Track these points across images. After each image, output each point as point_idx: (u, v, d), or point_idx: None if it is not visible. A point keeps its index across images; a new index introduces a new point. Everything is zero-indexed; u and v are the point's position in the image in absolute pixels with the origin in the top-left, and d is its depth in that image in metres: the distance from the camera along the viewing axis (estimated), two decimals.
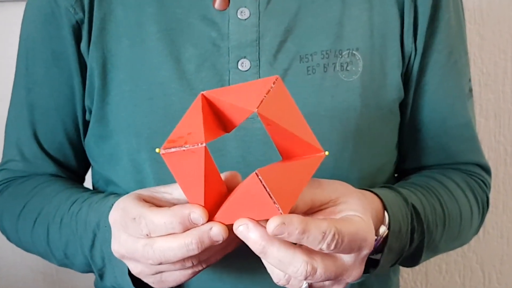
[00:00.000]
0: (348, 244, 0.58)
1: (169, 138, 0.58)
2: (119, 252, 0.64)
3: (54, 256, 0.78)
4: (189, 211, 0.58)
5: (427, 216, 0.74)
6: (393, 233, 0.68)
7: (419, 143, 0.84)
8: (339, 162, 0.75)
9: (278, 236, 0.55)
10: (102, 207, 0.70)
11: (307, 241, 0.56)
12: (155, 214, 0.59)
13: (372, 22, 0.77)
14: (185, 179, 0.58)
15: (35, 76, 0.81)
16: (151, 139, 0.75)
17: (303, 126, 0.59)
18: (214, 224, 0.58)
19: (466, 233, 0.83)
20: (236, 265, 0.74)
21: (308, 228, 0.56)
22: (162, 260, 0.59)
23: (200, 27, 0.76)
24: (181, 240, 0.58)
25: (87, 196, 0.75)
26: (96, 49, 0.77)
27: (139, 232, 0.60)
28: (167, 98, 0.75)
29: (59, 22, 0.77)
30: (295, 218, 0.56)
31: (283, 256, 0.57)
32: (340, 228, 0.57)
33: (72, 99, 0.81)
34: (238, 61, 0.75)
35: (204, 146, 0.56)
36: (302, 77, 0.75)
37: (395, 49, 0.78)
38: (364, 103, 0.76)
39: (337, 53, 0.75)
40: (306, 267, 0.57)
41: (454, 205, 0.80)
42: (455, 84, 0.83)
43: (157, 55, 0.75)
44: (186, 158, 0.57)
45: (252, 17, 0.75)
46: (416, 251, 0.75)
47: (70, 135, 0.83)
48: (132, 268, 0.65)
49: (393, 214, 0.69)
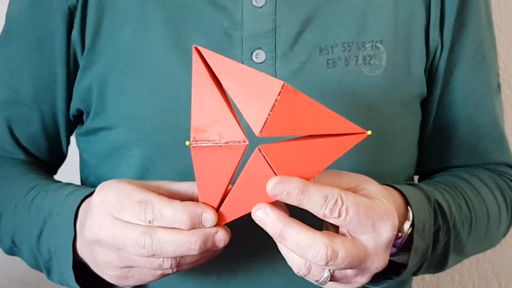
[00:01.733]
0: (356, 216, 0.56)
1: (193, 126, 0.57)
2: (96, 236, 0.60)
3: (2, 242, 0.77)
4: (202, 211, 0.58)
5: (453, 214, 0.73)
6: (417, 231, 0.66)
7: (445, 143, 0.83)
8: (356, 162, 0.73)
9: (277, 196, 0.56)
10: (59, 194, 0.69)
11: (308, 203, 0.56)
12: (165, 204, 0.58)
13: (397, 13, 0.74)
14: (207, 175, 0.57)
15: (15, 59, 0.78)
16: (155, 135, 0.72)
17: (330, 120, 0.56)
18: (220, 229, 0.58)
19: (493, 234, 0.82)
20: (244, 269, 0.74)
21: (308, 189, 0.56)
22: (157, 252, 0.57)
23: (210, 14, 0.72)
24: (185, 237, 0.57)
25: (47, 183, 0.74)
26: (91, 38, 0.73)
27: (142, 217, 0.58)
28: (173, 90, 0.71)
29: (48, 6, 0.74)
30: (294, 178, 0.56)
31: (302, 239, 0.56)
32: (345, 197, 0.56)
33: (53, 88, 0.77)
34: (253, 52, 0.71)
35: (246, 145, 0.56)
36: (322, 70, 0.72)
37: (420, 42, 0.76)
38: (387, 100, 0.74)
39: (360, 46, 0.72)
40: (327, 250, 0.56)
41: (481, 204, 0.78)
42: (483, 81, 0.81)
43: (162, 44, 0.72)
44: (219, 154, 0.56)
45: (268, 4, 0.71)
46: (443, 252, 0.73)
47: (46, 126, 0.80)
48: (101, 256, 0.62)
49: (417, 211, 0.67)
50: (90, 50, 0.73)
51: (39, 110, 0.79)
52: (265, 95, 0.55)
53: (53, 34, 0.74)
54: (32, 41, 0.76)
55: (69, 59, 0.75)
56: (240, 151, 0.56)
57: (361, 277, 0.61)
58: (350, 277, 0.60)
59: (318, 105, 0.56)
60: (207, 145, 0.56)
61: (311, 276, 0.59)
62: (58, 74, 0.76)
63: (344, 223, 0.57)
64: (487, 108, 0.82)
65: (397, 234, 0.65)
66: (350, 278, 0.61)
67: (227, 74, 0.56)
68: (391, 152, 0.76)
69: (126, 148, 0.74)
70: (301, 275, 0.59)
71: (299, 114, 0.56)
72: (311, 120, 0.56)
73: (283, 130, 0.56)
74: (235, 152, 0.56)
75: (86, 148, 0.81)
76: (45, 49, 0.75)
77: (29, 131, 0.80)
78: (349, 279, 0.61)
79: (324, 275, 0.59)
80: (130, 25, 0.72)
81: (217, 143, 0.56)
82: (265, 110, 0.55)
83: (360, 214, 0.57)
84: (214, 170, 0.57)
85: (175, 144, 0.70)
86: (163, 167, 0.72)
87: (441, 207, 0.71)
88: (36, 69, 0.77)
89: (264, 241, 0.60)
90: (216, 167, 0.57)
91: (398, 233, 0.65)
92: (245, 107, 0.56)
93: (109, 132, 0.75)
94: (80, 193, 0.68)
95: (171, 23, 0.72)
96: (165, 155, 0.71)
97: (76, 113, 0.78)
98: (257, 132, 0.56)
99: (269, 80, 0.56)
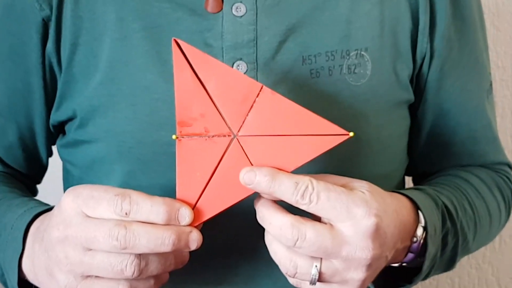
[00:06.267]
0: (327, 202, 0.57)
1: (179, 120, 0.58)
2: (64, 232, 0.59)
3: None
4: (180, 205, 0.59)
5: (459, 216, 0.73)
6: (430, 236, 0.66)
7: (442, 147, 0.82)
8: (342, 172, 0.70)
9: (249, 185, 0.58)
10: (18, 209, 0.69)
11: (279, 190, 0.57)
12: (143, 196, 0.58)
13: (383, 18, 0.72)
14: (189, 169, 0.58)
15: None
16: (135, 150, 0.70)
17: (311, 121, 0.58)
18: (194, 229, 0.59)
19: (494, 231, 0.83)
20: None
21: (279, 176, 0.57)
22: (129, 244, 0.57)
23: (190, 25, 0.70)
24: (160, 230, 0.57)
25: (12, 197, 0.74)
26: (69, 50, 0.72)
27: (118, 208, 0.58)
28: (153, 103, 0.70)
29: (21, 16, 0.73)
30: (265, 167, 0.58)
31: (274, 219, 0.58)
32: (316, 182, 0.57)
33: (28, 98, 0.76)
34: (234, 63, 0.69)
35: (231, 138, 0.57)
36: (305, 81, 0.70)
37: (406, 48, 0.74)
38: (373, 108, 0.72)
39: (344, 54, 0.71)
40: (292, 230, 0.57)
41: (482, 204, 0.79)
42: (477, 84, 0.81)
43: (140, 55, 0.70)
44: (203, 148, 0.58)
45: (249, 13, 0.70)
46: (451, 255, 0.73)
47: (23, 136, 0.79)
48: (61, 257, 0.60)
49: (428, 216, 0.67)
50: (70, 63, 0.72)
51: (14, 120, 0.78)
52: (244, 95, 0.57)
53: (27, 44, 0.73)
54: (4, 51, 0.75)
55: (45, 70, 0.74)
56: (224, 145, 0.57)
57: (355, 272, 0.59)
58: (342, 271, 0.59)
59: (299, 107, 0.57)
60: (192, 139, 0.58)
61: (300, 275, 0.59)
62: (34, 84, 0.75)
63: (317, 209, 0.57)
64: (481, 111, 0.81)
65: (411, 239, 0.65)
66: (343, 274, 0.59)
67: (206, 71, 0.57)
68: (378, 160, 0.74)
69: (107, 162, 0.72)
70: (291, 276, 0.60)
71: (278, 115, 0.57)
72: (291, 121, 0.57)
73: (261, 129, 0.57)
74: (220, 146, 0.58)
75: (68, 159, 0.80)
76: (18, 59, 0.74)
77: (4, 142, 0.79)
78: (343, 275, 0.59)
79: (312, 272, 0.59)
80: (109, 35, 0.71)
81: (202, 137, 0.58)
82: (243, 110, 0.57)
83: (331, 199, 0.57)
84: (197, 164, 0.58)
85: (156, 158, 0.69)
86: (145, 182, 0.71)
87: (448, 210, 0.71)
88: (9, 78, 0.76)
89: (258, 247, 0.61)
90: (199, 161, 0.58)
91: (413, 238, 0.65)
92: (224, 106, 0.58)
93: (90, 145, 0.73)
94: (38, 208, 0.67)
95: (150, 34, 0.70)
96: (147, 170, 0.70)
97: (57, 124, 0.77)
98: (235, 131, 0.57)
99: (248, 81, 0.58)
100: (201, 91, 0.57)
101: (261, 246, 0.62)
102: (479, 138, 0.82)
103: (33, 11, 0.71)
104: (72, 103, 0.73)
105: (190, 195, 0.59)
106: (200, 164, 0.58)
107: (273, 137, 0.58)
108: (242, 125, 0.57)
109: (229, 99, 0.57)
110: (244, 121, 0.57)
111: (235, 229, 0.69)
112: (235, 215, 0.64)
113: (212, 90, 0.57)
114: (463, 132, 0.81)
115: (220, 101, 0.57)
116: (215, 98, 0.57)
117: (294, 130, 0.57)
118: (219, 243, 0.70)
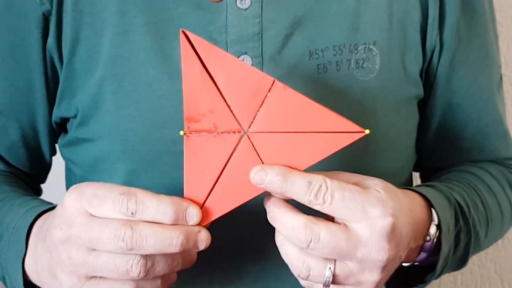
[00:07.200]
0: (342, 201, 0.55)
1: (187, 116, 0.56)
2: (67, 233, 0.58)
3: None
4: (187, 205, 0.57)
5: (472, 214, 0.72)
6: (444, 235, 0.65)
7: (452, 143, 0.81)
8: (349, 169, 0.69)
9: (260, 185, 0.56)
10: (20, 209, 0.68)
11: (291, 190, 0.55)
12: (150, 195, 0.57)
13: (391, 11, 0.71)
14: (197, 167, 0.57)
15: None
16: (139, 148, 0.69)
17: (326, 117, 0.56)
18: (203, 228, 0.58)
19: (505, 228, 0.82)
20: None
21: (291, 175, 0.55)
22: (136, 245, 0.56)
23: (194, 19, 0.69)
24: (167, 231, 0.56)
25: (15, 196, 0.73)
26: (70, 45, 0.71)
27: (124, 208, 0.56)
28: (156, 101, 0.68)
29: (20, 12, 0.71)
30: (277, 165, 0.56)
31: (285, 219, 0.56)
32: (330, 181, 0.56)
33: (30, 96, 0.75)
34: (239, 57, 0.68)
35: (241, 135, 0.56)
36: (312, 76, 0.69)
37: (415, 42, 0.73)
38: (382, 104, 0.71)
39: (352, 48, 0.69)
40: (305, 231, 0.55)
41: (494, 201, 0.78)
42: (487, 77, 0.80)
43: (143, 51, 0.69)
44: (212, 144, 0.56)
45: (253, 6, 0.68)
46: (463, 253, 0.72)
47: (25, 135, 0.78)
48: (64, 258, 0.58)
49: (442, 214, 0.65)
50: (71, 59, 0.71)
51: (16, 119, 0.77)
52: (255, 90, 0.55)
53: (27, 40, 0.72)
54: (5, 48, 0.73)
55: (46, 66, 0.73)
56: (234, 142, 0.56)
57: (370, 274, 0.58)
58: (357, 273, 0.58)
59: (313, 102, 0.55)
60: (201, 135, 0.56)
61: (313, 277, 0.58)
62: (35, 81, 0.74)
63: (331, 209, 0.56)
64: (492, 105, 0.81)
65: (424, 238, 0.64)
66: (358, 276, 0.58)
67: (216, 64, 0.56)
68: (387, 156, 0.73)
69: (110, 161, 0.71)
70: (303, 279, 0.58)
71: (290, 111, 0.56)
72: (304, 117, 0.55)
73: (273, 126, 0.56)
74: (229, 143, 0.56)
75: (70, 158, 0.78)
76: (19, 56, 0.73)
77: (6, 141, 0.78)
78: (357, 277, 0.58)
79: (326, 274, 0.57)
80: (110, 30, 0.69)
81: (211, 133, 0.56)
82: (254, 106, 0.55)
83: (346, 198, 0.55)
84: (205, 161, 0.57)
85: (160, 157, 0.68)
86: (148, 181, 0.69)
87: (461, 207, 0.70)
88: (10, 76, 0.74)
89: (267, 249, 0.60)
90: (208, 158, 0.56)
91: (426, 237, 0.64)
92: (234, 101, 0.56)
93: (92, 144, 0.72)
94: (40, 207, 0.66)
95: (153, 29, 0.69)
96: (150, 169, 0.69)
97: (59, 120, 0.76)
98: (245, 127, 0.56)
99: (260, 75, 0.56)
100: (210, 85, 0.56)
101: (269, 246, 0.60)
102: (490, 133, 0.81)
103: (33, 5, 0.70)
104: (74, 99, 0.72)
105: (198, 194, 0.57)
106: (209, 161, 0.56)
107: (285, 134, 0.56)
108: (253, 121, 0.56)
109: (240, 94, 0.55)
110: (255, 117, 0.55)
111: (242, 228, 0.68)
112: (242, 214, 0.62)
113: (222, 84, 0.56)
114: (473, 126, 0.80)
115: (230, 96, 0.56)
116: (225, 92, 0.56)
117: (307, 126, 0.55)
118: (226, 243, 0.68)
